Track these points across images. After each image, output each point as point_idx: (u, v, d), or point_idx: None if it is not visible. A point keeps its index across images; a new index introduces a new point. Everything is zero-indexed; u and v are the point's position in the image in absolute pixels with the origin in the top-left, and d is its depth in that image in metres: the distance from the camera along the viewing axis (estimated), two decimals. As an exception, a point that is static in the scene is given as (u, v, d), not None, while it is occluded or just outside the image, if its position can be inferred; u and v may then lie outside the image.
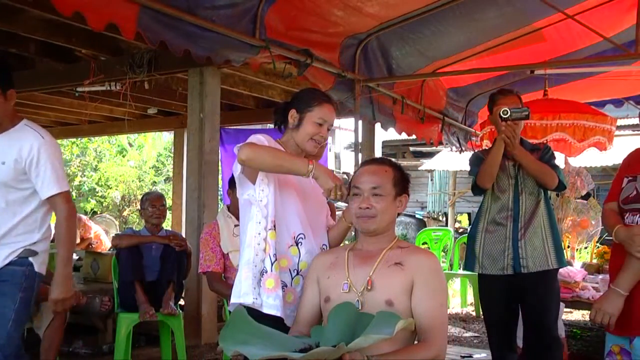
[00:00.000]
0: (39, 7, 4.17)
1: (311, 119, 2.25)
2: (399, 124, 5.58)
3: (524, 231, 3.08)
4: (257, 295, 2.12)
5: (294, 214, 2.24)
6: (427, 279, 1.95)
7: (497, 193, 3.16)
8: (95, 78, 5.34)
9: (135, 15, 2.99)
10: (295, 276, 2.23)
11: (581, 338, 5.27)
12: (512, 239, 3.09)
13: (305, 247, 2.24)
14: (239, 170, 2.21)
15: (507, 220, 3.12)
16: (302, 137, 2.27)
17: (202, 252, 3.64)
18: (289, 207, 2.24)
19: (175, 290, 4.09)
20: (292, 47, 4.03)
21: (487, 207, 3.21)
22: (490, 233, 3.15)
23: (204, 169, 4.90)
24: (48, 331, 3.48)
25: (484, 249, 3.16)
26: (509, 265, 3.07)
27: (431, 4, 4.32)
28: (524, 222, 3.09)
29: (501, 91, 3.31)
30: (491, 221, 3.17)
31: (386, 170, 2.10)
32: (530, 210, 3.11)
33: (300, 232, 2.24)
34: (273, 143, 2.25)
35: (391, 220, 2.11)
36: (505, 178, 3.15)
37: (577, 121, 4.75)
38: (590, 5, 4.50)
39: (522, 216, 3.10)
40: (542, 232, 3.10)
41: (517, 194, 3.12)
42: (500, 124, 3.03)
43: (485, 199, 3.23)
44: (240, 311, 1.81)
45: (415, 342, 1.97)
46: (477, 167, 3.20)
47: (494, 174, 3.11)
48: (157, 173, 15.17)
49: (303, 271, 2.23)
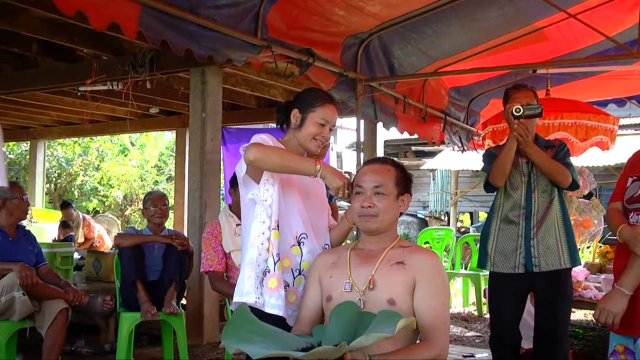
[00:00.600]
0: (41, 6, 4.17)
1: (313, 119, 2.25)
2: (401, 123, 5.58)
3: (537, 229, 3.03)
4: (259, 294, 2.12)
5: (297, 214, 2.24)
6: (429, 278, 1.95)
7: (510, 191, 3.11)
8: (97, 77, 5.35)
9: (137, 14, 3.00)
10: (298, 276, 2.23)
11: (583, 337, 5.26)
12: (524, 237, 3.04)
13: (307, 246, 2.24)
14: (244, 171, 2.21)
15: (520, 219, 3.07)
16: (304, 137, 2.27)
17: (203, 251, 3.64)
18: (292, 206, 2.24)
19: (177, 290, 4.09)
20: (294, 47, 4.03)
21: (499, 205, 3.17)
22: (503, 231, 3.11)
23: (205, 168, 4.90)
24: (50, 330, 3.48)
25: (497, 247, 3.12)
26: (520, 263, 3.04)
27: (433, 4, 4.32)
28: (536, 221, 3.04)
29: (516, 86, 3.22)
30: (504, 219, 3.12)
31: (389, 170, 2.09)
32: (544, 209, 3.05)
33: (302, 232, 2.24)
34: (276, 143, 2.25)
35: (393, 220, 2.10)
36: (517, 175, 3.10)
37: (579, 120, 4.73)
38: (593, 5, 4.50)
39: (534, 214, 3.04)
40: (556, 231, 3.04)
41: (530, 191, 3.07)
42: (513, 122, 2.95)
43: (498, 196, 3.18)
44: (243, 309, 1.80)
45: (418, 341, 1.97)
46: (489, 164, 3.14)
47: (507, 172, 3.05)
48: (159, 172, 15.18)
49: (305, 271, 2.22)
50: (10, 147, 13.92)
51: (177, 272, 4.07)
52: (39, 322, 3.55)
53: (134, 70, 5.13)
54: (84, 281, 5.20)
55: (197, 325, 4.84)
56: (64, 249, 4.98)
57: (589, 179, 4.98)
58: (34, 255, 3.85)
